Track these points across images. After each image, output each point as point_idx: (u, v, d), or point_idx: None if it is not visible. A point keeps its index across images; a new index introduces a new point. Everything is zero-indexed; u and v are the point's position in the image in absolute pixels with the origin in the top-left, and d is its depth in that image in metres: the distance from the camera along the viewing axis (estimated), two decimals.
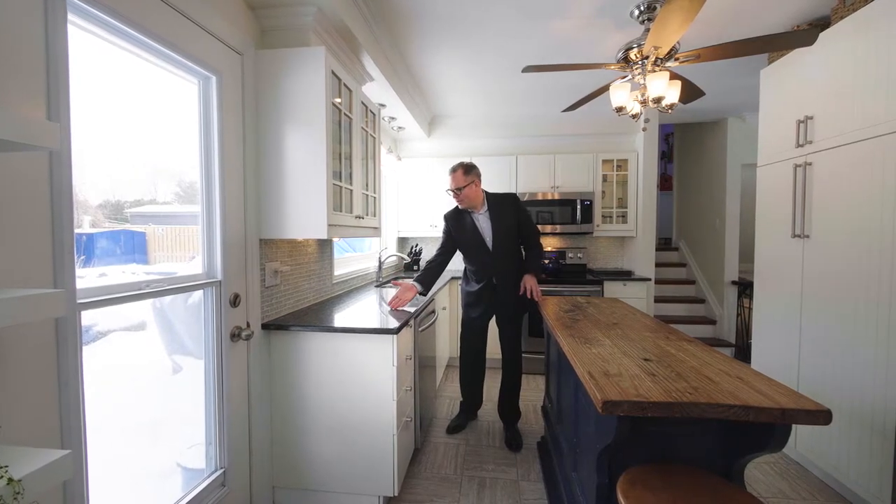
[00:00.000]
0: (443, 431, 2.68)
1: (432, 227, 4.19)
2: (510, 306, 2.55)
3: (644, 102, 2.23)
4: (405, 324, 1.95)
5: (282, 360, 1.92)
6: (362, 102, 2.31)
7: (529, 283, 2.44)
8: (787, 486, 2.12)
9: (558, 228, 4.05)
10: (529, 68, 2.17)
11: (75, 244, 1.05)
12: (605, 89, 2.42)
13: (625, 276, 3.90)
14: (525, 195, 4.07)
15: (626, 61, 2.22)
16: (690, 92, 2.46)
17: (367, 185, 2.45)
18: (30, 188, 0.95)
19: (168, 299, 1.49)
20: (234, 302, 1.70)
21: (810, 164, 2.18)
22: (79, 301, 1.08)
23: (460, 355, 2.77)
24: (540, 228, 3.98)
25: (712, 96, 3.57)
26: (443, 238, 2.67)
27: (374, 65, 2.46)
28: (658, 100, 2.13)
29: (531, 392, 3.38)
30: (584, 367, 1.30)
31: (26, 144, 0.72)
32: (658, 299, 4.50)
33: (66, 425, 1.04)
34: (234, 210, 1.70)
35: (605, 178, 4.11)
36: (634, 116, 2.42)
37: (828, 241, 2.08)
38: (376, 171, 2.62)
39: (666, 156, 6.35)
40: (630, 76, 2.28)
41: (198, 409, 1.62)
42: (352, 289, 2.99)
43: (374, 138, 2.56)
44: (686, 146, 5.33)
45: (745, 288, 4.18)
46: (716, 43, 2.43)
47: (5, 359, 0.91)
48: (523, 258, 2.62)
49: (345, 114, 2.06)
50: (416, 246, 4.36)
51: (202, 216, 1.60)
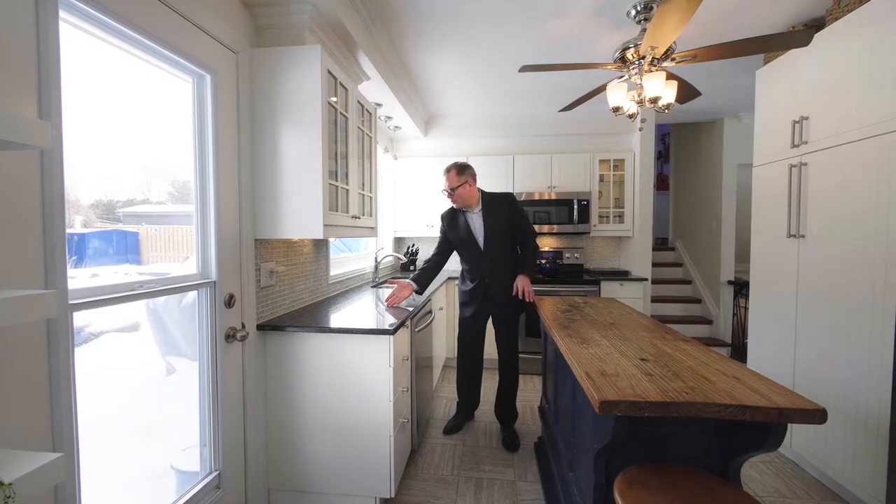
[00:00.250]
0: (440, 432, 2.68)
1: (429, 227, 4.18)
2: (503, 306, 2.55)
3: (641, 102, 2.23)
4: (402, 324, 1.95)
5: (277, 361, 1.91)
6: (358, 101, 2.30)
7: (522, 283, 2.43)
8: (782, 485, 2.13)
9: (555, 228, 4.05)
10: (526, 68, 2.17)
11: (67, 244, 1.03)
12: (602, 89, 2.42)
13: (622, 276, 3.91)
14: (522, 195, 4.06)
15: (622, 61, 2.22)
16: (687, 92, 2.46)
17: (363, 184, 2.44)
18: (20, 187, 0.94)
19: (162, 300, 1.48)
20: (229, 302, 1.69)
21: (805, 165, 2.19)
22: (71, 302, 1.06)
23: (457, 355, 2.77)
24: (537, 228, 3.95)
25: (708, 96, 3.59)
26: (439, 238, 2.69)
27: (371, 63, 2.45)
28: (654, 100, 2.13)
29: (528, 392, 3.38)
30: (581, 367, 1.30)
31: (17, 143, 0.71)
32: (655, 299, 4.51)
33: (58, 428, 1.02)
34: (228, 210, 1.68)
35: (601, 178, 4.11)
36: (631, 116, 2.42)
37: (823, 241, 2.09)
38: (373, 171, 2.61)
39: (662, 156, 6.37)
40: (627, 76, 2.28)
41: (192, 411, 1.61)
42: (348, 289, 2.98)
43: (371, 137, 2.55)
44: (682, 146, 5.35)
45: (741, 288, 4.20)
46: (712, 43, 2.44)
47: None
48: (517, 258, 2.59)
49: (341, 113, 2.05)
50: (413, 246, 4.35)
51: (196, 216, 1.58)
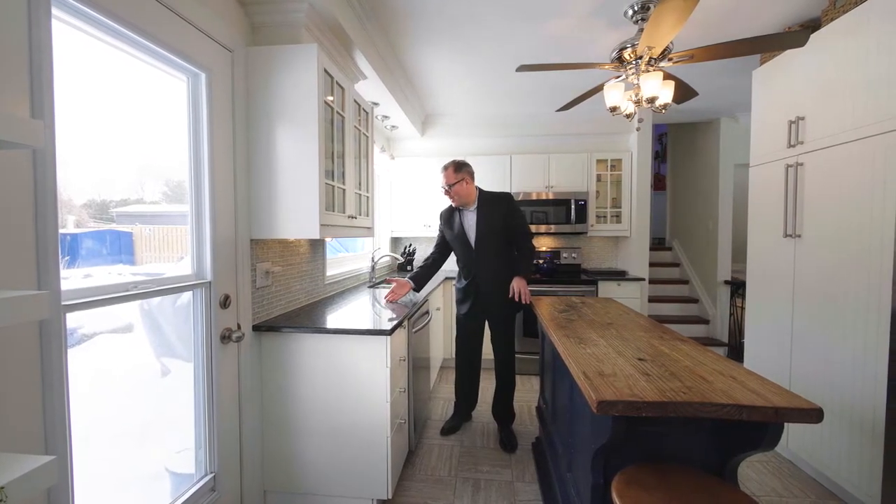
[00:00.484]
0: (437, 433, 2.67)
1: (426, 227, 4.18)
2: (494, 305, 2.54)
3: (638, 102, 2.24)
4: (399, 324, 1.94)
5: (273, 362, 1.89)
6: (355, 101, 2.29)
7: (518, 285, 2.42)
8: (779, 485, 2.13)
9: (552, 228, 4.05)
10: (523, 67, 2.17)
11: (59, 244, 1.02)
12: (600, 89, 2.42)
13: (619, 275, 3.91)
14: (519, 195, 4.06)
15: (619, 61, 2.22)
16: (684, 92, 2.47)
17: (359, 184, 2.43)
18: (12, 187, 0.93)
19: (156, 301, 1.46)
20: (225, 303, 1.68)
21: (802, 165, 2.20)
22: (63, 303, 1.05)
23: (455, 355, 2.76)
24: (534, 228, 3.98)
25: (705, 97, 3.60)
26: (438, 236, 2.70)
27: (367, 62, 2.44)
28: (652, 100, 2.13)
29: (526, 393, 3.38)
30: (578, 368, 1.30)
31: (9, 142, 0.69)
32: (652, 299, 4.52)
33: (51, 430, 1.01)
34: (224, 210, 1.67)
35: (599, 178, 4.11)
36: (628, 116, 2.42)
37: (819, 241, 2.09)
38: (369, 171, 2.60)
39: (659, 156, 6.39)
40: (624, 76, 2.28)
41: (187, 413, 1.60)
42: (345, 289, 2.97)
43: (367, 137, 2.54)
44: (679, 146, 5.36)
45: (737, 287, 4.21)
46: (709, 43, 2.44)
47: None
48: (512, 259, 2.58)
49: (337, 112, 2.04)
50: (410, 246, 4.34)
51: (191, 216, 1.57)
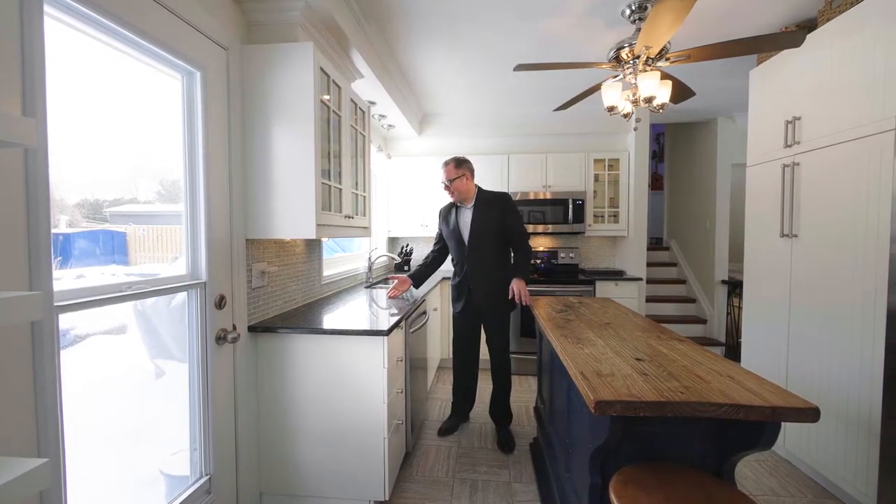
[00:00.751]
0: (434, 434, 2.66)
1: (423, 226, 4.17)
2: (485, 305, 2.54)
3: (635, 102, 2.24)
4: (396, 325, 1.93)
5: (269, 363, 1.88)
6: (351, 100, 2.28)
7: (517, 286, 2.41)
8: (776, 484, 2.14)
9: (550, 228, 4.05)
10: (521, 67, 2.16)
11: (52, 244, 1.01)
12: (597, 88, 2.42)
13: (616, 275, 3.91)
14: (517, 194, 4.06)
15: (617, 61, 2.22)
16: (681, 92, 2.47)
17: (356, 184, 2.42)
18: (4, 186, 0.91)
19: (150, 301, 1.45)
20: (220, 304, 1.66)
21: (798, 165, 2.20)
22: (56, 304, 1.04)
23: (452, 356, 2.76)
24: (532, 228, 3.99)
25: (702, 97, 3.61)
26: (437, 234, 2.73)
27: (364, 61, 2.43)
28: (649, 99, 2.13)
29: (523, 393, 3.38)
30: (576, 368, 1.29)
31: (0, 141, 0.68)
32: (649, 299, 4.52)
33: (44, 433, 1.00)
34: (219, 209, 1.66)
35: (596, 178, 4.11)
36: (626, 116, 2.42)
37: (815, 241, 2.10)
38: (366, 170, 2.59)
39: (657, 155, 6.41)
40: (621, 76, 2.28)
41: (182, 415, 1.58)
42: (341, 290, 2.96)
43: (364, 136, 2.53)
44: (677, 146, 5.37)
45: (734, 287, 4.22)
46: (706, 43, 2.44)
47: None
48: (507, 259, 2.58)
49: (333, 111, 2.03)
50: (407, 246, 4.33)
51: (186, 215, 1.55)
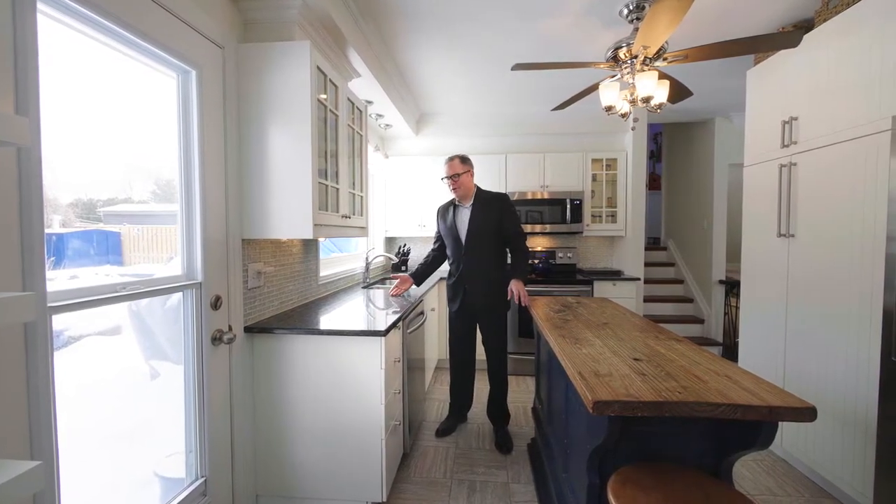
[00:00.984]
0: (432, 435, 2.66)
1: (421, 226, 4.16)
2: (481, 304, 2.54)
3: (633, 102, 2.24)
4: (393, 325, 1.92)
5: (265, 364, 1.87)
6: (348, 99, 2.27)
7: (516, 287, 2.41)
8: (773, 483, 2.14)
9: (548, 228, 4.05)
10: (518, 66, 2.16)
11: (45, 244, 0.99)
12: (595, 88, 2.42)
13: (614, 275, 3.92)
14: (514, 194, 4.05)
15: (615, 60, 2.22)
16: (679, 92, 2.47)
17: (353, 183, 2.41)
18: None
19: (145, 302, 1.44)
20: (216, 304, 1.65)
21: (795, 165, 2.20)
22: (49, 304, 1.03)
23: (449, 356, 2.76)
24: (529, 228, 3.99)
25: (700, 96, 3.61)
26: (436, 233, 2.74)
27: (361, 61, 2.42)
28: (647, 99, 2.13)
29: (521, 393, 3.37)
30: (574, 368, 1.29)
31: None
32: (647, 299, 4.53)
33: (37, 435, 0.99)
34: (214, 209, 1.64)
35: (594, 178, 4.11)
36: (623, 116, 2.42)
37: (812, 241, 2.10)
38: (363, 170, 2.58)
39: (655, 155, 6.41)
40: (619, 75, 2.28)
41: (177, 417, 1.57)
42: (338, 290, 2.95)
43: (361, 136, 2.52)
44: (674, 146, 5.38)
45: (732, 287, 4.23)
46: (703, 43, 2.45)
47: None
48: (504, 259, 2.59)
49: (330, 110, 2.02)
50: (405, 246, 4.32)
51: (181, 215, 1.54)
